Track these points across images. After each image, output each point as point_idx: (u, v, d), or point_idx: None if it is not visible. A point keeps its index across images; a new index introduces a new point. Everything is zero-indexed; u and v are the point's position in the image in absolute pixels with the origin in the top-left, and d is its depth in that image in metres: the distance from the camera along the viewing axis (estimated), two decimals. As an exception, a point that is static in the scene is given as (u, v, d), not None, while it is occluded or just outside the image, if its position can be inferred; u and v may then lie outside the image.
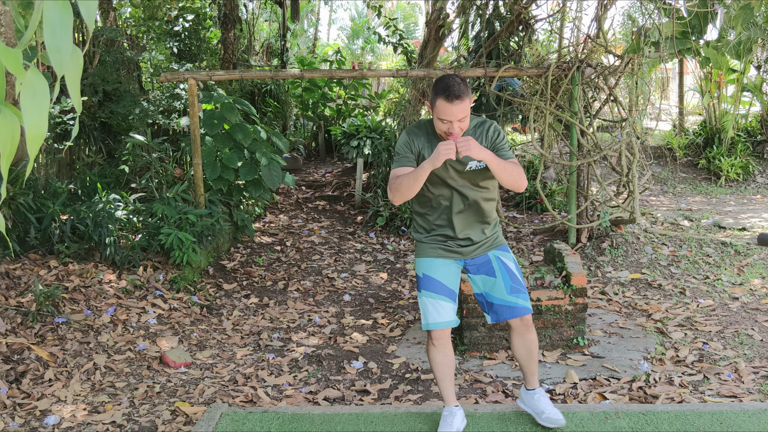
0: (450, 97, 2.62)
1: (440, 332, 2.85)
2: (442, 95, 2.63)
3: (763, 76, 9.22)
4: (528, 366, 2.96)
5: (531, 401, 2.99)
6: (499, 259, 2.90)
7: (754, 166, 9.01)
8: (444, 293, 2.85)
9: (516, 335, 2.91)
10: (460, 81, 2.64)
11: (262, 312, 5.05)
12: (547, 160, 5.77)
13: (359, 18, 19.88)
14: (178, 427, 3.28)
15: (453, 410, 2.94)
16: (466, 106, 2.65)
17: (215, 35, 9.90)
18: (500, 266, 2.88)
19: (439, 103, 2.64)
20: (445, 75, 2.71)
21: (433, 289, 2.86)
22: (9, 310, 4.10)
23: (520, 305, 2.83)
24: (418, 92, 7.82)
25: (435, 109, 2.69)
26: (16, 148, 1.28)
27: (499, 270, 2.87)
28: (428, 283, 2.87)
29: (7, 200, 4.83)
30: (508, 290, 2.84)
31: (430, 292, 2.86)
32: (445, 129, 2.68)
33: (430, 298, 2.85)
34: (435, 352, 2.88)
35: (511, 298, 2.83)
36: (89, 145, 7.16)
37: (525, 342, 2.90)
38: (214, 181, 6.19)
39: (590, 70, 5.82)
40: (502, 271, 2.87)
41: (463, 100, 2.62)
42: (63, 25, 1.20)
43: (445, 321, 2.83)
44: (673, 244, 6.11)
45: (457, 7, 8.27)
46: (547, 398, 2.98)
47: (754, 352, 4.05)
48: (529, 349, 2.92)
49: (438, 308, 2.83)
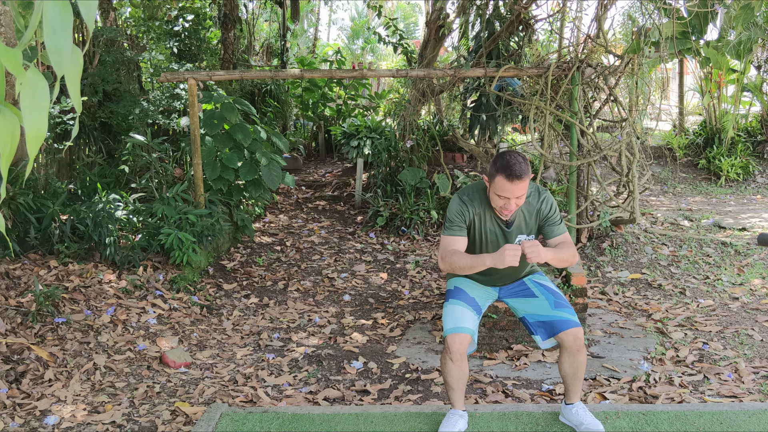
0: (511, 177, 2.60)
1: (459, 343, 2.74)
2: (502, 173, 2.61)
3: (764, 76, 9.22)
4: (572, 384, 2.89)
5: (570, 415, 2.96)
6: (535, 281, 2.92)
7: (754, 166, 9.01)
8: (470, 304, 2.85)
9: (566, 354, 2.80)
10: (522, 160, 2.63)
11: (262, 312, 5.05)
12: (547, 160, 5.77)
13: (359, 18, 19.89)
14: (178, 427, 3.28)
15: (459, 413, 2.94)
16: (526, 184, 2.64)
17: (215, 35, 9.90)
18: (537, 286, 2.90)
19: (499, 180, 2.62)
20: (507, 152, 2.67)
21: (460, 298, 2.86)
22: (9, 310, 4.10)
23: (569, 318, 2.75)
24: (418, 92, 7.82)
25: (493, 185, 2.67)
26: (16, 148, 1.28)
27: (537, 289, 2.89)
28: (457, 293, 2.88)
29: (7, 200, 4.83)
30: (552, 306, 2.81)
31: (456, 300, 2.85)
32: (502, 204, 2.68)
33: (454, 305, 2.83)
34: (451, 365, 2.79)
35: (556, 312, 2.78)
36: (89, 145, 7.15)
37: (574, 362, 2.81)
38: (214, 181, 6.19)
39: (590, 70, 5.82)
40: (541, 290, 2.87)
41: (523, 179, 2.60)
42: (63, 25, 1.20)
43: (465, 327, 2.76)
44: (673, 244, 6.11)
45: (457, 7, 8.27)
46: (585, 410, 2.93)
47: (754, 352, 4.05)
48: (578, 369, 2.83)
49: (460, 314, 2.80)
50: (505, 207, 2.68)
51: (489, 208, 2.82)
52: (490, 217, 2.82)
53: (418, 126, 8.40)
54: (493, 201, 2.72)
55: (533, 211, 2.80)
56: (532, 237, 2.79)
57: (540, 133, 5.82)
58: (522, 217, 2.81)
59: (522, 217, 2.81)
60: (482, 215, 2.82)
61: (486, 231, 2.82)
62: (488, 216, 2.81)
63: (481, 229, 2.83)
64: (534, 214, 2.80)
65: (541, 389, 3.66)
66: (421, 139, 8.17)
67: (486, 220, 2.82)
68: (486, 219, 2.82)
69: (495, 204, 2.72)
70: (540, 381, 3.76)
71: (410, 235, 7.00)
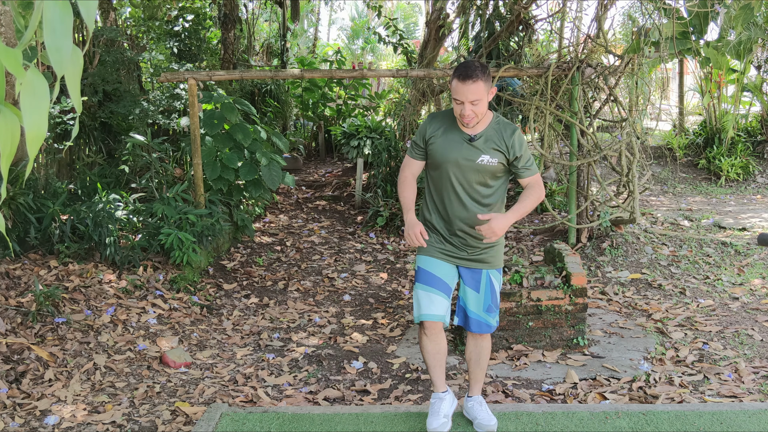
0: (462, 77, 2.66)
1: (432, 323, 2.88)
2: (455, 75, 2.70)
3: (764, 76, 9.22)
4: (474, 372, 3.06)
5: (469, 409, 3.04)
6: (489, 278, 2.94)
7: (754, 166, 9.01)
8: (439, 287, 2.88)
9: (471, 338, 3.04)
10: (478, 66, 2.69)
11: (262, 312, 5.05)
12: (547, 160, 5.77)
13: (359, 18, 19.88)
14: (178, 427, 3.28)
15: (441, 396, 2.98)
16: (480, 88, 2.66)
17: (215, 35, 9.90)
18: (488, 284, 2.94)
19: (453, 83, 2.71)
20: (467, 60, 2.78)
21: (426, 282, 2.88)
22: (9, 310, 4.10)
23: (489, 324, 2.96)
24: (418, 92, 7.82)
25: (451, 89, 2.74)
26: (16, 148, 1.28)
27: (485, 287, 2.93)
28: (424, 276, 2.90)
29: (7, 200, 4.83)
30: (483, 308, 2.93)
31: (423, 285, 2.89)
32: (459, 111, 2.72)
33: (423, 290, 2.88)
34: (426, 341, 2.93)
35: (484, 315, 2.94)
36: (89, 145, 7.15)
37: (476, 346, 3.02)
38: (214, 181, 6.19)
39: (590, 70, 5.82)
40: (486, 289, 2.93)
41: (475, 81, 2.65)
42: (63, 25, 1.20)
43: (435, 314, 2.86)
44: (673, 244, 6.11)
45: (457, 7, 8.27)
46: (482, 404, 3.03)
47: (754, 352, 4.05)
48: (479, 354, 3.03)
49: (431, 300, 2.86)
50: (463, 114, 2.71)
51: (453, 125, 2.86)
52: (456, 130, 2.85)
53: (418, 126, 8.40)
54: (454, 111, 2.77)
55: (502, 140, 2.81)
56: (495, 161, 2.79)
57: (540, 133, 5.82)
58: (490, 138, 2.82)
59: (490, 138, 2.82)
60: (447, 127, 2.87)
61: (449, 140, 2.84)
62: (455, 129, 2.85)
63: (444, 138, 2.85)
64: (503, 142, 2.81)
65: (541, 389, 3.66)
66: (421, 139, 8.16)
67: (451, 131, 2.85)
68: (451, 130, 2.85)
69: (456, 112, 2.77)
70: (540, 381, 3.76)
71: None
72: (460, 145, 2.81)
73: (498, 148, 2.80)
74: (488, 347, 3.05)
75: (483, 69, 2.68)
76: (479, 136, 2.80)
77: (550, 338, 4.16)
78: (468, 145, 2.80)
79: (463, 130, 2.83)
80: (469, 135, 2.81)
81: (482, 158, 2.79)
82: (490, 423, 2.94)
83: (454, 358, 4.12)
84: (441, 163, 2.84)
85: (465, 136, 2.82)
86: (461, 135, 2.82)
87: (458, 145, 2.81)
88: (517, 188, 7.81)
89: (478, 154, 2.78)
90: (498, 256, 2.97)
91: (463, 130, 2.83)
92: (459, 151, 2.80)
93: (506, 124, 2.85)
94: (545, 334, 4.15)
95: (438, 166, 2.86)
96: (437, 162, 2.85)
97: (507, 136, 2.81)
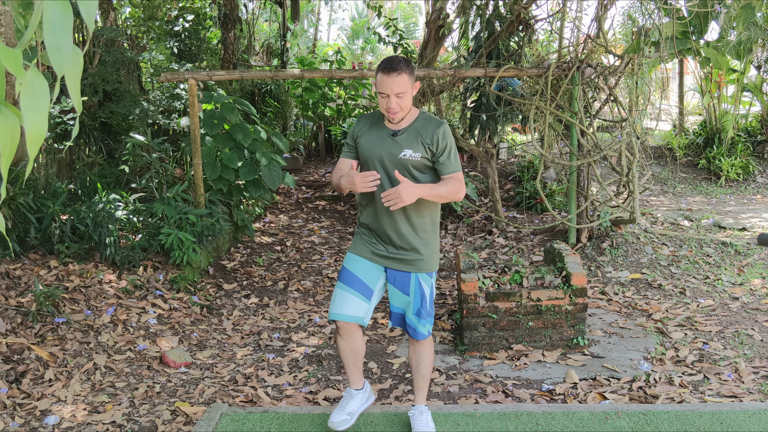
0: (387, 70, 2.68)
1: (345, 324, 2.88)
2: (380, 69, 2.72)
3: (764, 76, 9.22)
4: (415, 379, 3.02)
5: (412, 417, 3.00)
6: (418, 281, 2.89)
7: (754, 166, 9.01)
8: (357, 288, 2.87)
9: (410, 344, 3.01)
10: (402, 59, 2.72)
11: (262, 312, 5.05)
12: (547, 160, 5.77)
13: (359, 18, 19.88)
14: (178, 427, 3.28)
15: (353, 393, 2.99)
16: (405, 81, 2.69)
17: (215, 35, 9.90)
18: (417, 287, 2.89)
19: (378, 77, 2.73)
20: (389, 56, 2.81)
21: (346, 281, 2.88)
22: (9, 310, 4.10)
23: (419, 331, 2.91)
24: (418, 92, 7.82)
25: (376, 85, 2.76)
26: (16, 148, 1.28)
27: (414, 289, 2.89)
28: (345, 276, 2.90)
29: (7, 200, 4.83)
30: (413, 312, 2.90)
31: (342, 284, 2.89)
32: (385, 105, 2.73)
33: (341, 290, 2.88)
34: (340, 341, 2.94)
35: (414, 319, 2.90)
36: (89, 145, 7.16)
37: (414, 352, 2.99)
38: (214, 181, 6.19)
39: (590, 70, 5.82)
40: (416, 292, 2.89)
41: (400, 73, 2.67)
42: (63, 25, 1.20)
43: (348, 315, 2.85)
44: (673, 244, 6.11)
45: (457, 7, 8.27)
46: (422, 414, 2.98)
47: (754, 352, 4.05)
48: (418, 361, 2.98)
49: (345, 300, 2.86)
50: (389, 107, 2.72)
51: (379, 124, 2.88)
52: (381, 126, 2.87)
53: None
54: (380, 105, 2.79)
55: (428, 134, 2.81)
56: (417, 156, 2.79)
57: (540, 133, 5.82)
58: (415, 133, 2.82)
59: (415, 133, 2.82)
60: (373, 124, 2.89)
61: (374, 136, 2.86)
62: (380, 125, 2.87)
63: (369, 134, 2.87)
64: (428, 136, 2.80)
65: (541, 389, 3.66)
66: (421, 139, 8.15)
67: (376, 128, 2.88)
68: (376, 127, 2.88)
69: (381, 107, 2.78)
70: (540, 381, 3.76)
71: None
72: (384, 140, 2.83)
73: (422, 143, 2.81)
74: (427, 354, 2.97)
75: (407, 63, 2.73)
76: (403, 131, 2.82)
77: (550, 338, 4.16)
78: (391, 140, 2.81)
79: (387, 126, 2.85)
80: (392, 130, 2.83)
81: (405, 153, 2.80)
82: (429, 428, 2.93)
83: (454, 358, 4.12)
84: (367, 159, 2.86)
85: (389, 131, 2.84)
86: (386, 131, 2.85)
87: (382, 140, 2.83)
88: (517, 188, 7.81)
89: (401, 148, 2.80)
90: (427, 261, 2.90)
91: (388, 126, 2.85)
92: (383, 146, 2.82)
93: (432, 119, 2.87)
94: (545, 334, 4.15)
95: (365, 162, 2.88)
96: (364, 158, 2.88)
97: (432, 131, 2.82)
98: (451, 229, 7.12)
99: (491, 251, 6.30)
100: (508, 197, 7.91)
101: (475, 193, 7.51)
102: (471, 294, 4.08)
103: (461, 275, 4.18)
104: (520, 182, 7.92)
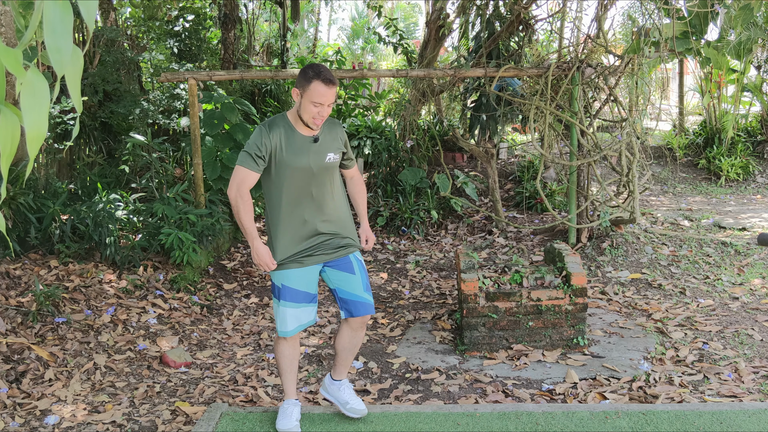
0: (327, 82, 2.71)
1: (293, 338, 2.98)
2: (318, 78, 2.70)
3: (764, 76, 9.22)
4: (346, 359, 3.09)
5: (336, 392, 3.10)
6: (357, 258, 2.98)
7: (754, 166, 9.01)
8: (303, 300, 2.92)
9: (349, 330, 3.02)
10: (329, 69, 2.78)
11: (262, 312, 5.05)
12: (547, 160, 5.77)
13: (359, 18, 19.89)
14: (178, 426, 3.28)
15: (295, 402, 3.04)
16: (335, 92, 2.75)
17: (215, 35, 9.90)
18: (358, 264, 2.97)
19: (316, 85, 2.70)
20: (313, 63, 2.83)
21: (294, 299, 2.90)
22: (9, 310, 4.11)
23: (370, 303, 2.97)
24: (418, 92, 7.82)
25: (308, 93, 2.72)
26: (16, 148, 1.28)
27: (357, 266, 2.96)
28: (287, 293, 2.89)
29: (7, 200, 4.83)
30: (363, 287, 2.95)
31: (291, 302, 2.90)
32: (316, 112, 2.74)
33: (292, 308, 2.90)
34: (286, 345, 2.98)
35: (365, 294, 2.96)
36: (89, 145, 7.16)
37: (354, 338, 3.04)
38: (214, 181, 6.19)
39: (590, 70, 5.82)
40: (359, 268, 2.97)
41: (336, 85, 2.73)
42: (63, 25, 1.21)
43: (304, 324, 2.95)
44: (673, 244, 6.11)
45: (457, 7, 8.27)
46: (351, 389, 3.10)
47: (754, 352, 4.05)
48: (355, 345, 3.06)
49: (298, 316, 2.91)
50: (319, 115, 2.74)
51: (294, 132, 2.84)
52: (296, 134, 2.84)
53: (418, 126, 8.40)
54: (305, 112, 2.75)
55: (337, 135, 2.92)
56: (337, 157, 2.88)
57: (540, 133, 5.83)
58: (329, 136, 2.89)
59: (329, 136, 2.89)
60: (286, 132, 2.83)
61: (295, 145, 2.82)
62: (294, 133, 2.84)
63: (289, 144, 2.81)
64: (338, 137, 2.92)
65: (541, 389, 3.66)
66: (421, 139, 8.17)
67: (292, 137, 2.83)
68: (291, 135, 2.84)
69: (308, 114, 2.75)
70: (540, 381, 3.76)
71: (410, 235, 7.01)
72: (307, 148, 2.82)
73: (337, 144, 2.91)
74: (362, 338, 3.08)
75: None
76: (319, 136, 2.86)
77: (550, 338, 4.16)
78: (315, 146, 2.84)
79: (302, 133, 2.84)
80: (311, 137, 2.84)
81: (329, 156, 2.85)
82: (363, 408, 3.04)
83: (454, 357, 4.12)
84: (293, 170, 2.80)
85: (308, 138, 2.84)
86: (304, 138, 2.84)
87: (305, 148, 2.82)
88: (517, 188, 7.81)
89: (325, 153, 2.85)
90: (355, 239, 3.03)
91: (302, 134, 2.84)
92: (307, 154, 2.82)
93: (330, 119, 2.94)
94: (545, 334, 4.15)
95: (285, 171, 2.81)
96: (285, 167, 2.80)
97: (339, 131, 2.93)
98: (451, 229, 7.12)
99: (491, 251, 6.30)
100: (508, 197, 7.92)
101: (475, 193, 7.51)
102: (471, 294, 4.09)
103: (461, 275, 4.18)
104: (520, 182, 7.92)
